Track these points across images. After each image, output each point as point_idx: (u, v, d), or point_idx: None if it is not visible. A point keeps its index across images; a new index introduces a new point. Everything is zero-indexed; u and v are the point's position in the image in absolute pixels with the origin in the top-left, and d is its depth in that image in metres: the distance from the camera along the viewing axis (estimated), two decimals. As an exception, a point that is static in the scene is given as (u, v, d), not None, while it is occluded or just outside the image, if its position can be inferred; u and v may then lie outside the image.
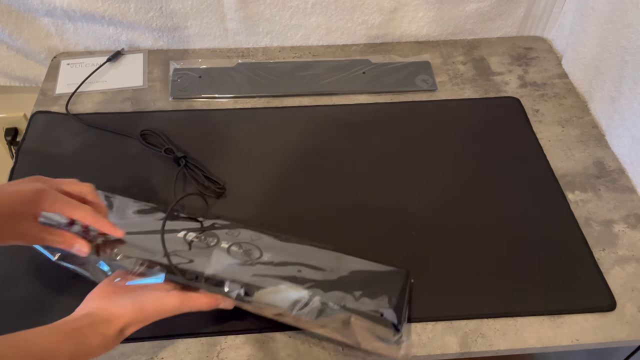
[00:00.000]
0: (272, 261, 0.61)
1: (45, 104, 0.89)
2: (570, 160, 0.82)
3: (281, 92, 0.91)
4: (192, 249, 0.61)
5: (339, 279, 0.59)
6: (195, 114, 0.88)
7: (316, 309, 0.57)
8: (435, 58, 0.99)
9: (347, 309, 0.56)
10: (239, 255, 0.61)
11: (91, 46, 0.98)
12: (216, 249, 0.62)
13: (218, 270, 0.59)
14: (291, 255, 0.62)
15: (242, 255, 0.61)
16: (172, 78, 0.93)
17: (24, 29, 0.92)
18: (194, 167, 0.77)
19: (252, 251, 0.62)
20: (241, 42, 1.00)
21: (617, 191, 0.78)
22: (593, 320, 0.64)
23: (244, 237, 0.64)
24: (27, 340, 0.46)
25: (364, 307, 0.56)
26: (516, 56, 1.00)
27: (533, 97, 0.92)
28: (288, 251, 0.63)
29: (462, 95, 0.92)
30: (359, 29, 0.99)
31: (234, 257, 0.61)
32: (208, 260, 0.60)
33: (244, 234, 0.64)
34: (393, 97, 0.92)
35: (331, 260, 0.62)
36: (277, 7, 0.94)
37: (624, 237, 0.73)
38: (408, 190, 0.77)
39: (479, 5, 0.97)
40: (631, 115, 0.78)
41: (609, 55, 0.82)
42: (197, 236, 0.63)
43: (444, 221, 0.72)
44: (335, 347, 0.61)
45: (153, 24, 0.94)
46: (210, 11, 0.94)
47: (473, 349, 0.62)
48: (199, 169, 0.77)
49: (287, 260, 0.61)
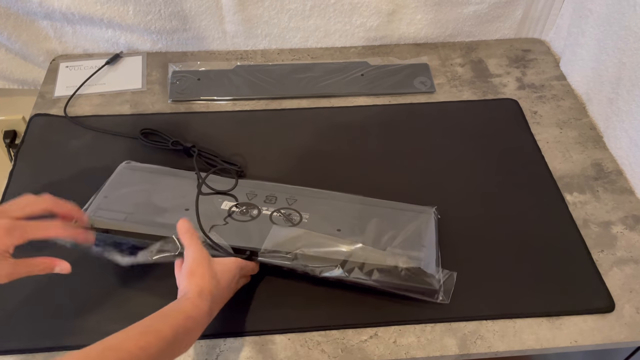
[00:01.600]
0: (312, 225, 0.67)
1: (44, 107, 0.89)
2: (569, 161, 0.82)
3: (280, 95, 0.92)
4: (238, 223, 0.67)
5: (375, 230, 0.67)
6: (194, 116, 0.88)
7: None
8: (434, 60, 0.99)
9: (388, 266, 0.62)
10: (282, 222, 0.67)
11: (90, 49, 0.98)
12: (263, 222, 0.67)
13: (271, 244, 0.64)
14: (328, 214, 0.68)
15: (284, 222, 0.67)
16: (170, 80, 0.93)
17: (23, 31, 0.92)
18: (207, 154, 0.78)
19: (292, 216, 0.68)
20: (240, 45, 1.00)
21: (615, 192, 0.78)
22: (592, 321, 0.64)
23: (280, 202, 0.70)
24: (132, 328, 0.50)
25: (403, 262, 0.63)
26: (514, 58, 1.00)
27: (531, 99, 0.92)
28: (323, 209, 0.69)
29: (461, 97, 0.92)
30: (357, 32, 0.99)
31: (279, 223, 0.67)
32: (261, 235, 0.65)
33: (280, 198, 0.70)
34: (391, 99, 0.92)
35: (363, 211, 0.69)
36: (276, 9, 0.94)
37: (622, 239, 0.73)
38: (406, 192, 0.77)
39: (477, 7, 0.97)
40: (629, 116, 0.78)
41: (607, 57, 0.82)
42: (238, 209, 0.68)
43: (442, 223, 0.72)
44: (334, 350, 0.61)
45: (152, 26, 0.94)
46: (208, 14, 0.94)
47: (472, 350, 0.62)
48: (212, 155, 0.78)
49: (325, 221, 0.67)
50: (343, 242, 0.64)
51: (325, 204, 0.70)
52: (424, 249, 0.65)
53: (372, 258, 0.63)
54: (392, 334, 0.63)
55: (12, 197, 0.75)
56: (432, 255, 0.65)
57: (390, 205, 0.71)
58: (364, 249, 0.64)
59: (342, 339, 0.62)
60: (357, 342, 0.62)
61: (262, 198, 0.70)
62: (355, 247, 0.64)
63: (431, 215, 0.70)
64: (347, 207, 0.70)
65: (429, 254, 0.65)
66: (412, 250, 0.64)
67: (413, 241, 0.66)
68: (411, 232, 0.67)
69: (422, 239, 0.66)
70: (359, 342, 0.62)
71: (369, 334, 0.63)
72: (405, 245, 0.65)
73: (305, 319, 0.63)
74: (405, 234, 0.67)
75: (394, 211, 0.70)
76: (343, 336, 0.62)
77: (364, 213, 0.69)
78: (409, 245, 0.65)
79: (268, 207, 0.69)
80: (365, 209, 0.70)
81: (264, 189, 0.72)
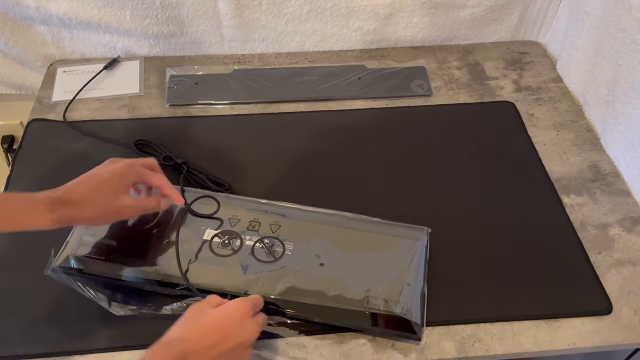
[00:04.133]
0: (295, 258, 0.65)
1: (42, 112, 0.89)
2: (566, 164, 0.82)
3: (277, 98, 0.92)
4: (217, 258, 0.65)
5: (359, 270, 0.64)
6: (191, 120, 0.88)
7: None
8: (431, 63, 0.99)
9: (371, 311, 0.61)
10: (264, 255, 0.65)
11: (87, 54, 0.98)
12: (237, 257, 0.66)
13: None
14: (312, 245, 0.67)
15: (267, 255, 0.65)
16: (168, 85, 0.93)
17: (20, 37, 0.92)
18: (195, 172, 0.77)
19: (275, 247, 0.66)
20: (237, 49, 1.00)
21: (612, 194, 0.78)
22: (589, 324, 0.64)
23: (264, 228, 0.68)
24: None
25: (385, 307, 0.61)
26: (511, 61, 1.00)
27: (528, 102, 0.92)
28: (308, 238, 0.67)
29: (458, 100, 0.92)
30: (354, 35, 0.99)
31: (259, 257, 0.65)
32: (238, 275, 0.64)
33: (263, 224, 0.68)
34: (389, 102, 0.92)
35: (350, 239, 0.67)
36: (273, 13, 0.94)
37: (620, 241, 0.73)
38: (404, 195, 0.77)
39: (474, 10, 0.97)
40: (625, 118, 0.78)
41: (603, 60, 0.83)
42: (220, 240, 0.67)
43: (439, 225, 0.72)
44: (332, 354, 0.61)
45: (149, 31, 0.94)
46: (206, 18, 0.94)
47: (470, 353, 0.62)
48: (200, 172, 0.77)
49: (308, 252, 0.66)
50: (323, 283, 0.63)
51: (311, 230, 0.68)
52: (408, 287, 0.63)
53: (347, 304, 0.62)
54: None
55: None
56: (418, 292, 0.63)
57: (380, 228, 0.69)
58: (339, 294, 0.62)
59: (341, 343, 0.62)
60: (355, 346, 0.62)
61: (245, 224, 0.68)
62: (333, 294, 0.62)
63: (422, 241, 0.68)
64: (334, 234, 0.68)
65: (414, 295, 0.62)
66: (394, 292, 0.62)
67: (397, 280, 0.63)
68: (396, 267, 0.65)
69: (408, 274, 0.64)
70: (356, 345, 0.62)
71: (367, 338, 0.62)
72: (388, 285, 0.63)
73: (303, 323, 0.63)
74: (389, 270, 0.64)
75: (384, 237, 0.68)
76: (341, 340, 0.62)
77: (350, 241, 0.67)
78: (392, 285, 0.63)
79: (251, 236, 0.67)
80: (353, 235, 0.68)
81: (248, 210, 0.70)
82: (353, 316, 0.61)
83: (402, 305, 0.61)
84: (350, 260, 0.65)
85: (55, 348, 0.61)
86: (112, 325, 0.62)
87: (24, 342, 0.61)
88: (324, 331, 0.63)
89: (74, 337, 0.62)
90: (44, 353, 0.61)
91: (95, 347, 0.61)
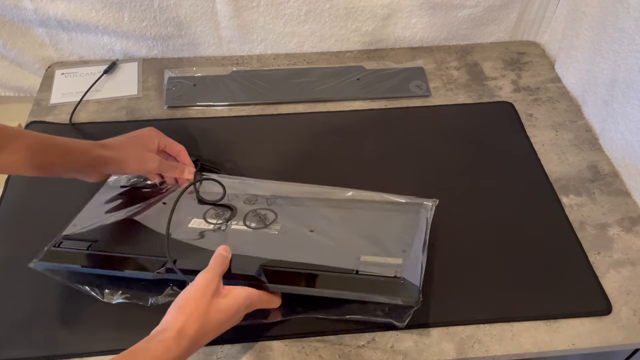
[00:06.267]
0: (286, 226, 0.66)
1: (40, 114, 0.89)
2: (565, 164, 0.82)
3: (276, 100, 0.92)
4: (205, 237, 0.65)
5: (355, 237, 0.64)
6: (190, 122, 0.88)
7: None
8: (429, 64, 0.99)
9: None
10: (254, 223, 0.66)
11: (85, 56, 0.98)
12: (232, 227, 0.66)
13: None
14: (304, 212, 0.68)
15: (258, 222, 0.66)
16: (166, 86, 0.93)
17: (18, 39, 0.92)
18: (209, 167, 0.79)
19: (267, 216, 0.67)
20: (235, 50, 1.00)
21: (611, 195, 0.78)
22: (589, 324, 0.64)
23: (260, 204, 0.69)
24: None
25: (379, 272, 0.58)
26: (509, 61, 1.00)
27: (527, 102, 0.92)
28: (302, 206, 0.69)
29: (456, 101, 0.92)
30: (353, 36, 0.99)
31: (249, 226, 0.66)
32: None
33: (260, 199, 0.70)
34: (387, 103, 0.92)
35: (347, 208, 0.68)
36: (271, 14, 0.94)
37: (619, 241, 0.73)
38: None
39: (472, 10, 0.97)
40: (624, 118, 0.78)
41: (602, 59, 0.83)
42: (214, 211, 0.68)
43: (438, 226, 0.72)
44: (332, 356, 0.61)
45: (147, 32, 0.94)
46: (204, 19, 0.94)
47: (470, 354, 0.62)
48: (214, 167, 0.79)
49: (300, 219, 0.66)
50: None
51: (306, 201, 0.69)
52: (404, 254, 0.61)
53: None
54: (389, 339, 0.63)
55: (9, 205, 0.76)
56: (416, 260, 0.61)
57: (381, 204, 0.69)
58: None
59: (340, 345, 0.62)
60: (355, 348, 0.62)
61: (243, 199, 0.70)
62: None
63: (421, 213, 0.67)
64: (330, 204, 0.68)
65: (411, 260, 0.60)
66: (388, 257, 0.60)
67: (392, 246, 0.61)
68: (393, 236, 0.63)
69: (404, 242, 0.62)
70: (356, 347, 0.62)
71: (366, 339, 0.62)
72: (382, 251, 0.61)
73: (303, 325, 0.63)
74: (385, 238, 0.63)
75: (382, 207, 0.68)
76: (340, 342, 0.62)
77: (346, 211, 0.68)
78: (386, 251, 0.61)
79: (246, 208, 0.68)
80: (350, 209, 0.68)
81: (247, 186, 0.72)
82: (342, 281, 0.58)
83: (395, 269, 0.58)
84: (343, 228, 0.65)
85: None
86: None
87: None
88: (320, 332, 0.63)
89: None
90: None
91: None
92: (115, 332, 0.62)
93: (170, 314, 0.53)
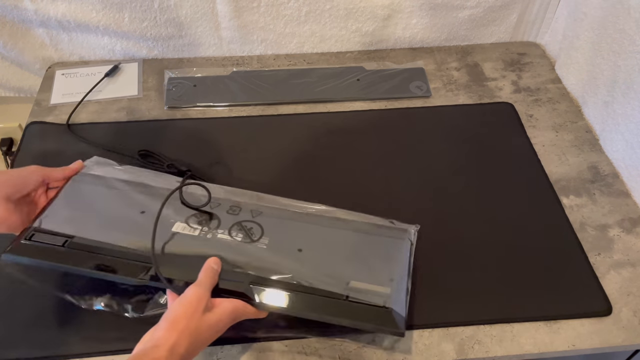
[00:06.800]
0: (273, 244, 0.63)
1: (40, 114, 0.89)
2: (565, 165, 0.82)
3: (276, 100, 0.92)
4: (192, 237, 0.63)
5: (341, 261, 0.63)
6: (190, 122, 0.88)
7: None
8: (429, 64, 0.99)
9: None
10: (240, 237, 0.63)
11: (86, 56, 0.98)
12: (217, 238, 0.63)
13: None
14: (292, 230, 0.65)
15: (243, 237, 0.63)
16: (167, 87, 0.93)
17: (19, 39, 0.92)
18: (199, 179, 0.76)
19: (254, 230, 0.64)
20: (236, 51, 1.00)
21: (611, 195, 0.78)
22: (589, 325, 0.64)
23: (244, 215, 0.66)
24: None
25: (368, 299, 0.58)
26: (510, 62, 1.00)
27: (527, 103, 0.92)
28: (289, 225, 0.66)
29: (456, 101, 0.92)
30: (353, 36, 0.99)
31: (235, 238, 0.63)
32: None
33: (244, 209, 0.67)
34: (387, 103, 0.92)
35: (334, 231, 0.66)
36: (272, 15, 0.94)
37: (619, 242, 0.73)
38: (403, 197, 0.77)
39: (472, 11, 0.97)
40: (624, 119, 0.78)
41: (602, 60, 0.83)
42: (197, 219, 0.65)
43: (438, 227, 0.72)
44: (332, 356, 0.61)
45: (147, 33, 0.94)
46: (204, 20, 0.94)
47: (470, 355, 0.62)
48: (203, 180, 0.76)
49: (288, 238, 0.64)
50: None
51: (293, 219, 0.67)
52: (392, 283, 0.60)
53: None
54: (389, 339, 0.63)
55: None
56: (402, 287, 0.60)
57: (366, 226, 0.67)
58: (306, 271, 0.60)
59: (340, 345, 0.62)
60: (355, 349, 0.62)
61: (226, 208, 0.67)
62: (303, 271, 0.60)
63: (406, 239, 0.66)
64: (318, 225, 0.66)
65: (398, 289, 0.60)
66: (376, 285, 0.59)
67: (379, 274, 0.61)
68: (379, 262, 0.63)
69: (391, 270, 0.62)
70: (356, 348, 0.62)
71: (366, 340, 0.62)
72: (370, 278, 0.60)
73: (302, 326, 0.63)
74: (372, 265, 0.62)
75: (368, 233, 0.66)
76: (341, 342, 0.62)
77: (333, 233, 0.66)
78: (374, 278, 0.60)
79: (229, 219, 0.65)
80: (336, 229, 0.66)
81: (231, 196, 0.69)
82: (331, 305, 0.58)
83: (384, 298, 0.58)
84: (331, 249, 0.64)
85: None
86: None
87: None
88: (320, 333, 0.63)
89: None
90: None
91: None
92: (115, 332, 0.62)
93: (161, 330, 0.51)
